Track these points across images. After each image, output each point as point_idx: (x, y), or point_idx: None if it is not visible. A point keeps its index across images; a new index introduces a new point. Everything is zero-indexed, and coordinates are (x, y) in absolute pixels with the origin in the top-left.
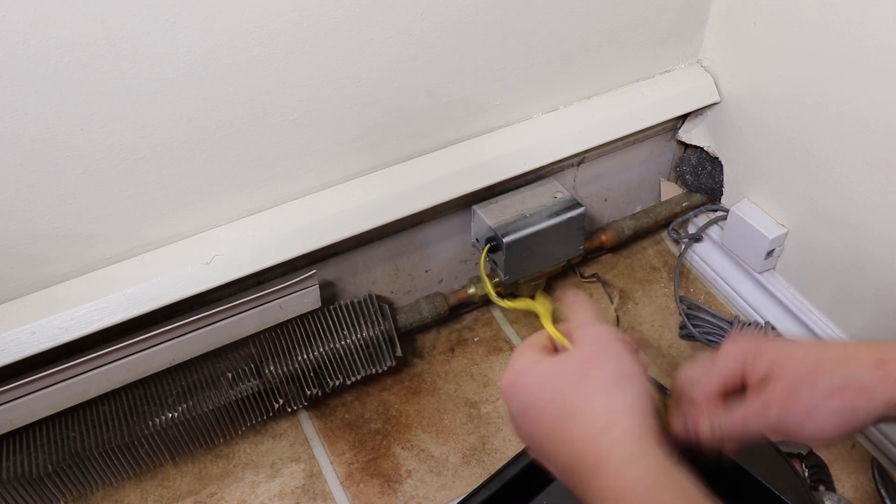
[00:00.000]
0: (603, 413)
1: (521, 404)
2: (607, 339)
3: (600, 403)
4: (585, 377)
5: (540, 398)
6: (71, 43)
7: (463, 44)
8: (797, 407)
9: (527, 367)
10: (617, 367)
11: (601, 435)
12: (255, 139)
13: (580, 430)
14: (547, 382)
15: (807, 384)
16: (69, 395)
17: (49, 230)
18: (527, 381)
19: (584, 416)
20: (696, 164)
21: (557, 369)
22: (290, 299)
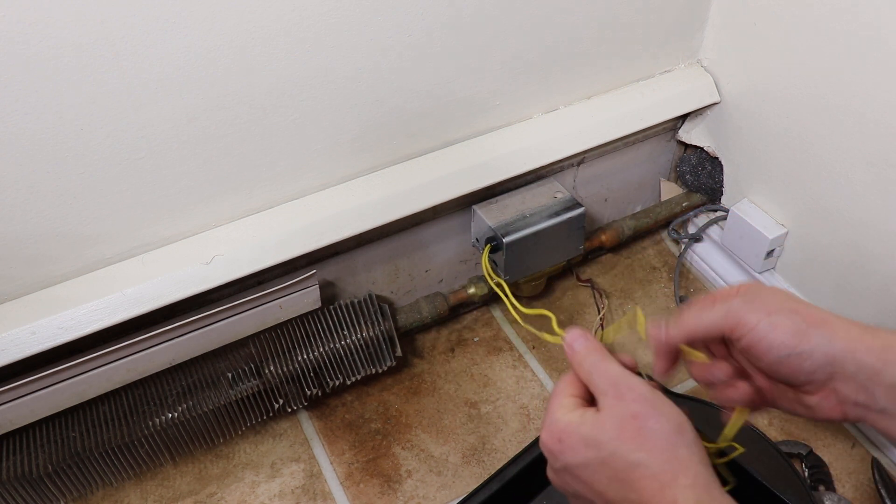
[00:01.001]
0: (667, 466)
1: (576, 460)
2: (646, 389)
3: (662, 457)
4: (641, 431)
5: (595, 456)
6: (71, 43)
7: (463, 44)
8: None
9: (573, 424)
10: (669, 419)
11: (667, 487)
12: (255, 139)
13: (647, 485)
14: (602, 442)
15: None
16: (69, 395)
17: (49, 230)
18: (578, 439)
19: (648, 469)
20: (696, 164)
21: (608, 426)
22: (290, 299)
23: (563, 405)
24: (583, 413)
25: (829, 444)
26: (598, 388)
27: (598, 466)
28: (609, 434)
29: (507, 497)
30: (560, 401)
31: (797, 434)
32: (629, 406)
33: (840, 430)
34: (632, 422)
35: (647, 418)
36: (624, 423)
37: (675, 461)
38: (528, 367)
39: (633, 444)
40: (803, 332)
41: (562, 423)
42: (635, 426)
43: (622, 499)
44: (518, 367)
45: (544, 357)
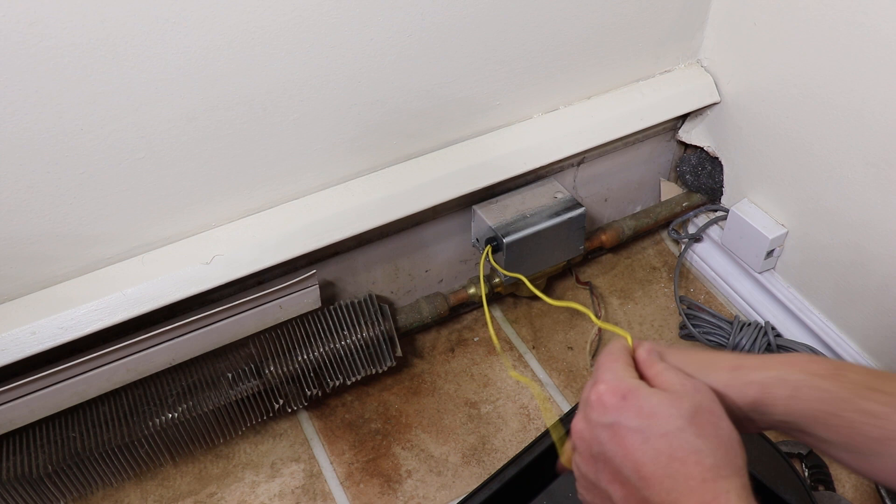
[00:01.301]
0: (723, 462)
1: (626, 422)
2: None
3: (724, 455)
4: (713, 427)
5: (655, 428)
6: (71, 43)
7: (463, 44)
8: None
9: (643, 389)
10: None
11: (723, 481)
12: (255, 139)
13: (703, 473)
14: (670, 416)
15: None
16: (69, 395)
17: (49, 230)
18: (643, 403)
19: (707, 459)
20: (696, 164)
21: (684, 406)
22: (290, 299)
23: (627, 367)
24: (647, 386)
25: None
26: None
27: (654, 437)
28: (682, 414)
29: (507, 497)
30: (623, 360)
31: None
32: (705, 399)
33: None
34: (707, 414)
35: (721, 419)
36: (699, 411)
37: (735, 464)
38: (528, 367)
39: (702, 431)
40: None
41: (630, 384)
42: (710, 419)
43: (662, 476)
44: (518, 367)
45: (544, 357)
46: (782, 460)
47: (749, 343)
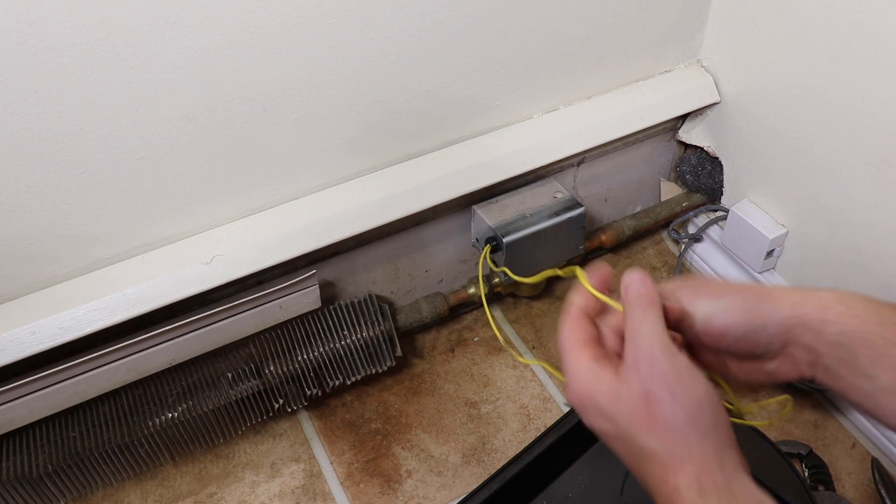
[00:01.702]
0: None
1: (594, 425)
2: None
3: (671, 445)
4: (653, 417)
5: (612, 429)
6: (71, 43)
7: (463, 44)
8: (707, 291)
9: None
10: (684, 404)
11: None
12: (256, 139)
13: (652, 471)
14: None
15: (722, 282)
16: (69, 395)
17: (49, 230)
18: (595, 408)
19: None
20: (696, 164)
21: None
22: (290, 299)
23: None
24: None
25: (829, 444)
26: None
27: (616, 440)
28: (623, 410)
29: (507, 497)
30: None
31: (797, 434)
32: (646, 384)
33: (840, 429)
34: (645, 404)
35: (662, 402)
36: (638, 403)
37: (684, 449)
38: (527, 367)
39: (644, 428)
40: (753, 308)
41: (582, 384)
42: (648, 411)
43: (639, 476)
44: (518, 366)
45: (544, 357)
46: (782, 460)
47: None
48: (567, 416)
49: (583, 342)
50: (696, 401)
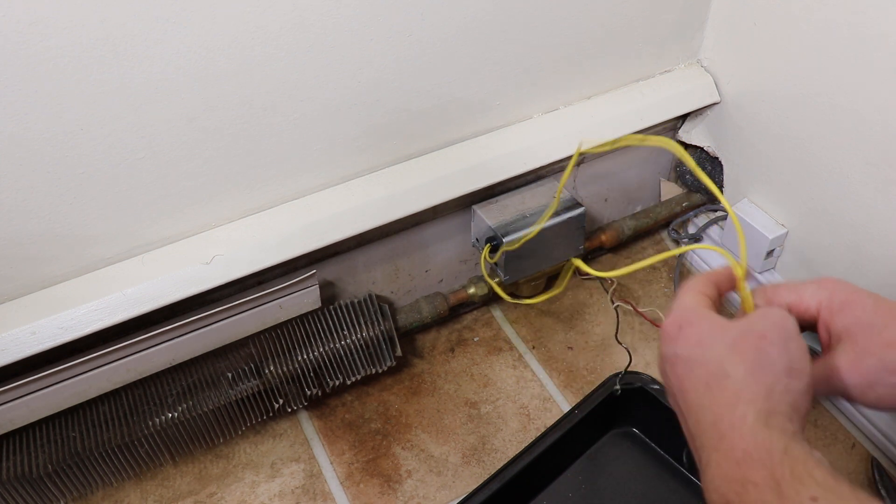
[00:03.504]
0: (754, 387)
1: (682, 351)
2: (791, 325)
3: (757, 379)
4: (754, 351)
5: (701, 355)
6: (71, 43)
7: (463, 44)
8: (860, 377)
9: (697, 316)
10: (793, 358)
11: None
12: (256, 139)
13: (724, 395)
14: (715, 342)
15: (874, 358)
16: (69, 395)
17: (49, 230)
18: (694, 331)
19: (736, 383)
20: (696, 164)
21: (731, 333)
22: (290, 299)
23: (690, 296)
24: (712, 313)
25: (829, 444)
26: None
27: (697, 365)
28: (726, 341)
29: (507, 497)
30: (696, 292)
31: None
32: (762, 325)
33: (840, 430)
34: (754, 339)
35: (771, 343)
36: (746, 336)
37: (765, 388)
38: (528, 368)
39: (740, 356)
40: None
41: (689, 313)
42: (753, 344)
43: (699, 406)
44: (518, 367)
45: (544, 357)
46: None
47: None
48: (567, 415)
49: (704, 293)
50: (799, 365)
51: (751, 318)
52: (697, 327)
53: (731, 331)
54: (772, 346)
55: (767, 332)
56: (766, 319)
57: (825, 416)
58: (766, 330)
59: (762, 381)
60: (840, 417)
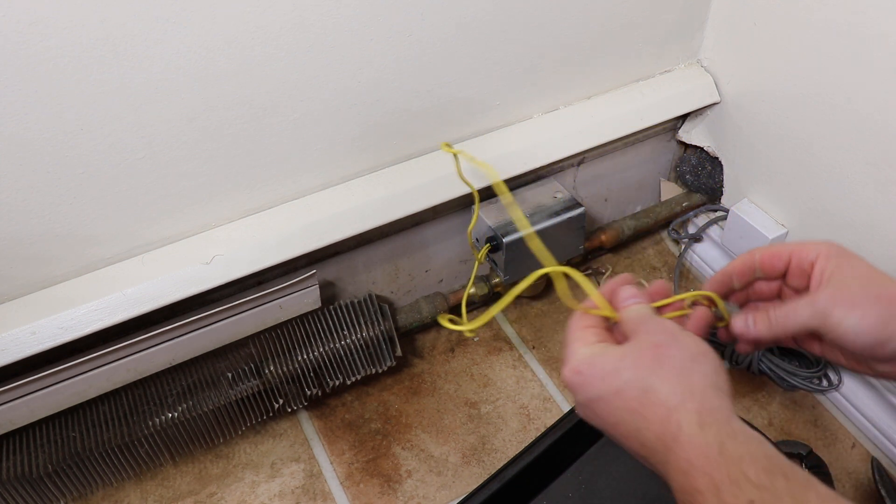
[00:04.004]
0: (677, 390)
1: (592, 393)
2: (672, 325)
3: (673, 381)
4: (659, 360)
5: (612, 386)
6: (71, 43)
7: (463, 44)
8: (845, 298)
9: (594, 357)
10: (689, 348)
11: (673, 411)
12: (256, 139)
13: (655, 411)
14: (619, 370)
15: (859, 285)
16: (69, 395)
17: (49, 230)
18: (596, 371)
19: (658, 397)
20: (696, 164)
21: (628, 357)
22: (290, 299)
23: (583, 338)
24: (605, 347)
25: (829, 444)
26: (628, 327)
27: (613, 397)
28: (627, 363)
29: (507, 497)
30: (580, 334)
31: (797, 434)
32: (652, 337)
33: (840, 429)
34: (651, 350)
35: (667, 346)
36: (643, 352)
37: (686, 386)
38: (527, 367)
39: (647, 370)
40: (886, 321)
41: (581, 356)
42: (653, 354)
43: (634, 429)
44: (518, 367)
45: (544, 357)
46: None
47: None
48: (567, 415)
49: (588, 327)
50: (698, 349)
51: (637, 338)
52: (594, 366)
53: (626, 355)
54: (667, 348)
55: (657, 339)
56: (649, 332)
57: (825, 415)
58: (654, 339)
59: (678, 380)
60: (840, 417)
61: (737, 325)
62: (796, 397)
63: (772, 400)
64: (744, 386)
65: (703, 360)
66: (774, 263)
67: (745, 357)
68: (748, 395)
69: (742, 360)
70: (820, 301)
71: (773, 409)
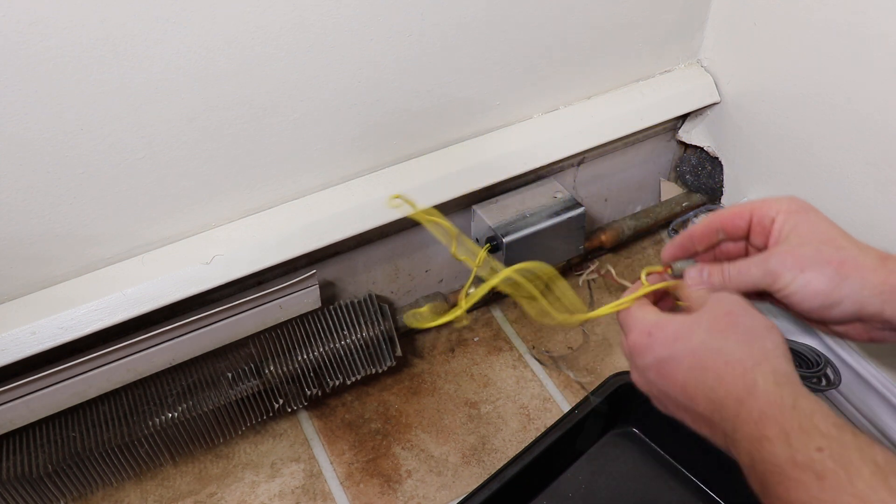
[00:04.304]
0: (751, 352)
1: (663, 353)
2: (742, 299)
3: (748, 345)
4: (732, 326)
5: (686, 346)
6: (71, 43)
7: (463, 44)
8: (795, 260)
9: (665, 320)
10: (761, 318)
11: (750, 369)
12: (256, 139)
13: (731, 369)
14: (693, 332)
15: (812, 247)
16: (69, 395)
17: (49, 230)
18: (668, 332)
19: (732, 355)
20: (696, 164)
21: (703, 321)
22: (290, 299)
23: (647, 310)
24: (672, 314)
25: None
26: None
27: (684, 357)
28: (701, 326)
29: (507, 497)
30: (643, 307)
31: None
32: (725, 305)
33: None
34: (725, 317)
35: (740, 315)
36: (717, 318)
37: (760, 350)
38: (528, 367)
39: (722, 334)
40: (835, 284)
41: (652, 319)
42: (728, 320)
43: (705, 387)
44: (518, 367)
45: (544, 357)
46: None
47: None
48: (567, 415)
49: (645, 304)
50: (768, 322)
51: (709, 306)
52: (666, 328)
53: (699, 320)
54: (741, 318)
55: (731, 309)
56: (722, 301)
57: None
58: (728, 308)
59: (754, 345)
60: None
61: (690, 274)
62: None
63: None
64: None
65: (774, 330)
66: (736, 223)
67: None
68: None
69: None
70: (771, 262)
71: None
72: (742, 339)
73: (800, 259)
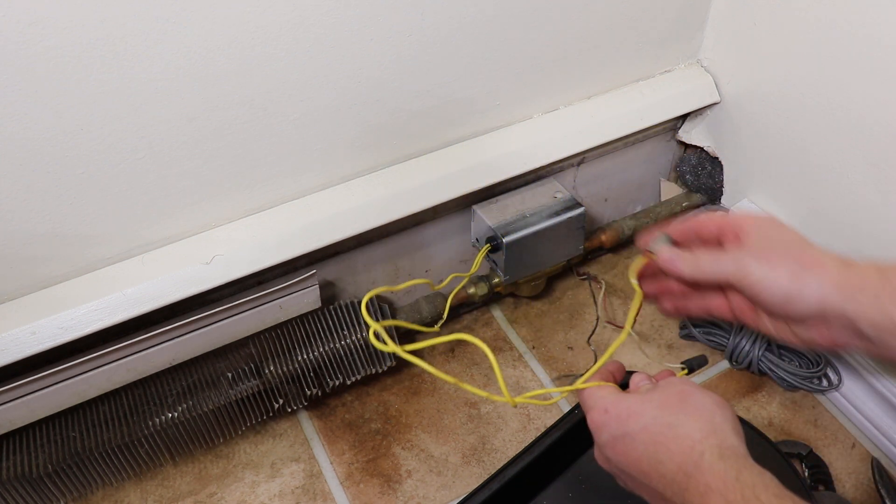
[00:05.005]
0: (701, 426)
1: (618, 431)
2: (691, 381)
3: (698, 419)
4: (682, 402)
5: (639, 423)
6: (71, 43)
7: (463, 44)
8: (763, 255)
9: (621, 398)
10: (711, 396)
11: (698, 442)
12: (256, 139)
13: (679, 443)
14: (645, 409)
15: (781, 246)
16: (69, 395)
17: (49, 230)
18: (622, 409)
19: (684, 430)
20: (696, 164)
21: (655, 398)
22: (290, 299)
23: (605, 389)
24: (629, 394)
25: (829, 444)
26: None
27: (637, 433)
28: (654, 403)
29: (507, 497)
30: (602, 387)
31: (797, 434)
32: (676, 385)
33: (840, 429)
34: (676, 395)
35: (691, 394)
36: (669, 396)
37: (709, 425)
38: (528, 367)
39: (673, 409)
40: (797, 277)
41: (609, 399)
42: (679, 398)
43: (656, 462)
44: (518, 367)
45: (544, 357)
46: (782, 460)
47: (749, 344)
48: (567, 416)
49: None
50: (719, 399)
51: (662, 386)
52: (620, 405)
53: (651, 398)
54: (691, 396)
55: (682, 388)
56: (673, 383)
57: (825, 416)
58: (679, 387)
59: (703, 419)
60: (840, 417)
61: (664, 253)
62: (796, 397)
63: (772, 400)
64: (744, 386)
65: (724, 406)
66: (709, 227)
67: (746, 357)
68: (748, 395)
69: (742, 360)
70: (742, 255)
71: (773, 409)
72: (692, 414)
73: (769, 255)
